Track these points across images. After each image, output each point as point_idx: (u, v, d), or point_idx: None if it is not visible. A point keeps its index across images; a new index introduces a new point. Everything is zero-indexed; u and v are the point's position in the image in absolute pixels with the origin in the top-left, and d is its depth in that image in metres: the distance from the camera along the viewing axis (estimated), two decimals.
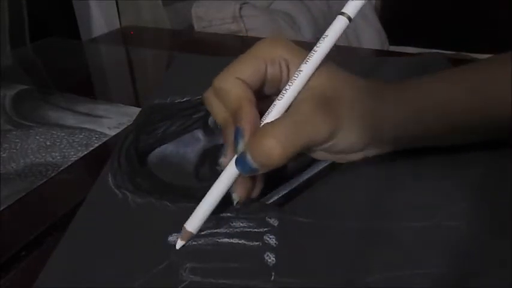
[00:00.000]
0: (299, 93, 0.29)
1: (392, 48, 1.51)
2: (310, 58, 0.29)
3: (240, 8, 1.07)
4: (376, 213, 0.32)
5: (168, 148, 0.41)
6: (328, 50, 0.29)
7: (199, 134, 0.42)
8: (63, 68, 0.69)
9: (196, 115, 0.45)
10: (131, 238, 0.31)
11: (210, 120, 0.44)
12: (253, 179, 0.31)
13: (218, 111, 0.31)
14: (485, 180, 0.35)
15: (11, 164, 0.42)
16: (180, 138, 0.42)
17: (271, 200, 0.34)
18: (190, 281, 0.28)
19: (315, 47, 0.29)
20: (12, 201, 0.37)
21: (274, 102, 0.29)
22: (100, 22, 0.90)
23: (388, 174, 0.36)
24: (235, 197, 0.31)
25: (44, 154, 0.44)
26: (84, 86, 0.61)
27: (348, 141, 0.30)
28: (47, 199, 0.39)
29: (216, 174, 0.37)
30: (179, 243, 0.30)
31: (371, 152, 0.33)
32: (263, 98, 0.32)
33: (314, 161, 0.36)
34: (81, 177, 0.41)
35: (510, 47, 0.37)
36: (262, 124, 0.29)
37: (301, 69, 0.29)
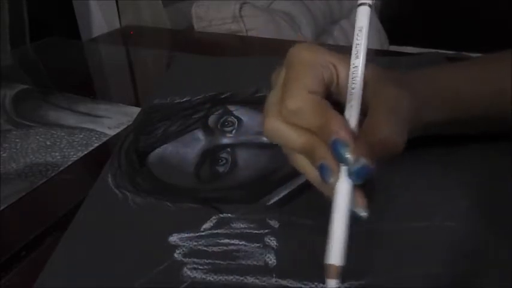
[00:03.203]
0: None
1: (392, 48, 1.52)
2: (359, 52, 0.28)
3: (240, 8, 1.07)
4: (376, 214, 0.32)
5: (168, 148, 0.41)
6: (367, 41, 0.29)
7: (199, 134, 0.42)
8: (63, 68, 0.69)
9: (196, 115, 0.45)
10: (131, 238, 0.31)
11: (210, 120, 0.44)
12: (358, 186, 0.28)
13: (297, 136, 0.28)
14: (485, 180, 0.35)
15: (11, 164, 0.42)
16: (180, 138, 0.42)
17: (272, 202, 0.34)
18: (191, 281, 0.28)
19: (355, 41, 0.28)
20: (12, 201, 0.37)
21: (350, 104, 0.27)
22: (100, 22, 0.90)
23: (388, 175, 0.36)
24: (365, 211, 0.27)
25: (44, 154, 0.44)
26: (84, 86, 0.61)
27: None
28: (47, 199, 0.39)
29: (216, 174, 0.37)
30: (331, 283, 0.24)
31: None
32: None
33: None
34: (81, 177, 0.41)
35: (510, 47, 0.37)
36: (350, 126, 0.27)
37: (355, 64, 0.28)
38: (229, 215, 0.32)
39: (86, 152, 0.44)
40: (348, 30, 1.41)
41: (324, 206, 0.33)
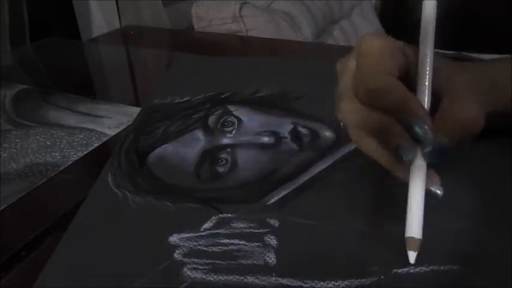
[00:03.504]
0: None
1: None
2: (428, 39, 0.30)
3: (240, 8, 1.07)
4: (376, 214, 0.32)
5: (168, 148, 0.41)
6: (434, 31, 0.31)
7: (199, 134, 0.42)
8: (63, 68, 0.69)
9: (196, 115, 0.45)
10: (131, 238, 0.31)
11: (210, 120, 0.44)
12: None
13: (374, 118, 0.29)
14: (485, 180, 0.35)
15: (11, 164, 0.42)
16: (180, 138, 0.42)
17: (272, 201, 0.34)
18: (191, 281, 0.28)
19: (422, 31, 0.31)
20: (12, 201, 0.37)
21: (423, 87, 0.30)
22: (100, 22, 0.90)
23: (388, 175, 0.36)
24: (440, 190, 0.28)
25: (44, 154, 0.44)
26: (84, 86, 0.61)
27: None
28: (47, 199, 0.39)
29: (216, 174, 0.37)
30: (412, 255, 0.27)
31: None
32: None
33: (313, 163, 0.36)
34: (81, 177, 0.41)
35: (510, 47, 0.37)
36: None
37: (426, 51, 0.30)
38: (229, 215, 0.32)
39: (86, 152, 0.44)
40: (348, 30, 1.41)
41: (324, 206, 0.34)
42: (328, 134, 0.40)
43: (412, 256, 0.27)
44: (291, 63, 0.58)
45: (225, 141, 0.41)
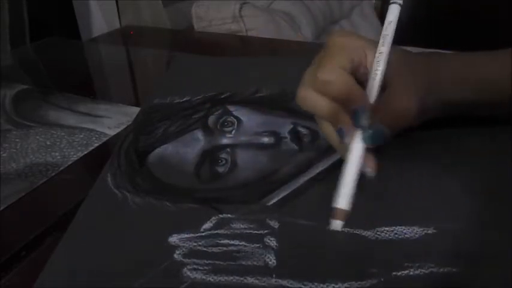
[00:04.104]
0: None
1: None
2: (385, 40, 0.34)
3: (240, 8, 1.07)
4: (376, 215, 0.32)
5: (167, 148, 0.41)
6: (394, 32, 0.35)
7: (198, 134, 0.42)
8: (63, 68, 0.69)
9: (196, 115, 0.45)
10: (131, 238, 0.31)
11: (210, 121, 0.44)
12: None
13: (323, 104, 0.33)
14: (485, 181, 0.35)
15: (11, 164, 0.42)
16: (179, 138, 0.42)
17: (272, 202, 0.34)
18: (191, 281, 0.28)
19: (383, 32, 0.34)
20: (12, 201, 0.37)
21: (373, 81, 0.33)
22: (100, 22, 0.90)
23: (388, 176, 0.36)
24: (371, 172, 0.32)
25: (44, 154, 0.44)
26: (84, 86, 0.61)
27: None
28: (47, 199, 0.39)
29: (215, 174, 0.37)
30: (336, 224, 0.30)
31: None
32: None
33: (313, 163, 0.36)
34: (81, 177, 0.41)
35: (510, 47, 0.37)
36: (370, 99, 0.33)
37: (381, 51, 0.34)
38: (229, 215, 0.32)
39: (86, 152, 0.44)
40: (348, 30, 1.41)
41: (324, 207, 0.33)
42: None
43: (337, 225, 0.30)
44: (291, 63, 0.58)
45: (225, 141, 0.41)
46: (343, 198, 0.30)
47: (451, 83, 0.36)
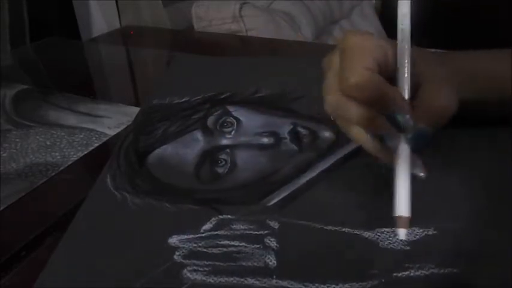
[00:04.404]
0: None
1: None
2: (404, 35, 0.32)
3: (240, 8, 1.07)
4: (376, 215, 0.32)
5: (167, 149, 0.41)
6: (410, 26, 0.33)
7: (198, 134, 0.42)
8: (63, 68, 0.69)
9: (195, 116, 0.45)
10: (131, 239, 0.31)
11: (209, 121, 0.44)
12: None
13: (356, 109, 0.31)
14: (485, 181, 0.35)
15: (11, 164, 0.42)
16: (179, 138, 0.42)
17: (272, 203, 0.34)
18: (191, 283, 0.28)
19: (399, 26, 0.33)
20: (12, 201, 0.37)
21: (403, 79, 0.32)
22: (100, 22, 0.90)
23: (388, 176, 0.36)
24: (423, 172, 0.32)
25: (44, 154, 0.44)
26: (84, 86, 0.61)
27: None
28: (47, 199, 0.39)
29: (215, 175, 0.37)
30: (402, 233, 0.28)
31: None
32: None
33: (313, 164, 0.36)
34: (81, 177, 0.41)
35: (510, 47, 0.37)
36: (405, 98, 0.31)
37: (403, 46, 0.32)
38: (229, 216, 0.32)
39: (86, 152, 0.44)
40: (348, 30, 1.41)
41: (324, 208, 0.33)
42: (327, 134, 0.40)
43: (402, 233, 0.28)
44: (291, 63, 0.58)
45: (224, 141, 0.41)
46: (403, 205, 0.28)
47: (470, 81, 0.35)
